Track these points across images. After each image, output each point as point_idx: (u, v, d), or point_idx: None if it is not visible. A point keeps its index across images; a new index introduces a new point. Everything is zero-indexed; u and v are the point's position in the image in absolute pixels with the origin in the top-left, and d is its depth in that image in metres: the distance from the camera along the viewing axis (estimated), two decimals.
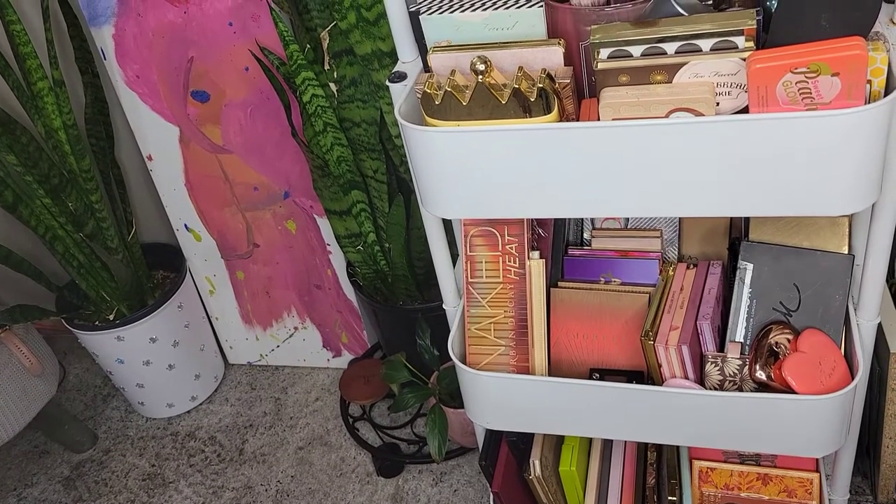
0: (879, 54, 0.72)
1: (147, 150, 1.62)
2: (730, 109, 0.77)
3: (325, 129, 1.35)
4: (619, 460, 1.22)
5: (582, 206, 0.84)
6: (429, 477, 1.54)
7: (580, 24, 0.82)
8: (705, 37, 0.75)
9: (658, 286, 1.02)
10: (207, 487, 1.63)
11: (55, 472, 1.74)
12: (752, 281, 0.97)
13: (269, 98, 1.47)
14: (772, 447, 0.98)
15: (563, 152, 0.79)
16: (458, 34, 0.86)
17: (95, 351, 1.69)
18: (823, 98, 0.71)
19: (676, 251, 1.08)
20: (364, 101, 1.34)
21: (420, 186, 0.90)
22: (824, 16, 0.70)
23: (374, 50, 1.23)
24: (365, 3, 1.19)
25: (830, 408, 0.90)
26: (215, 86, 1.48)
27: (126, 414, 1.85)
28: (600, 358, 1.04)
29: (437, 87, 0.81)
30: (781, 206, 0.78)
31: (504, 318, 1.04)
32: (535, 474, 1.15)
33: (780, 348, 0.94)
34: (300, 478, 1.60)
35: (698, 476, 1.16)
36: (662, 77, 0.77)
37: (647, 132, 0.76)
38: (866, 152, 0.73)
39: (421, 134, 0.83)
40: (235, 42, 1.42)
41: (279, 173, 1.58)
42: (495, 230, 1.02)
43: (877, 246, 0.84)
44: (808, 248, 0.95)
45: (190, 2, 1.40)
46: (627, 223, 1.10)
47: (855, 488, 1.34)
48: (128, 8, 1.43)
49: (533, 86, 0.78)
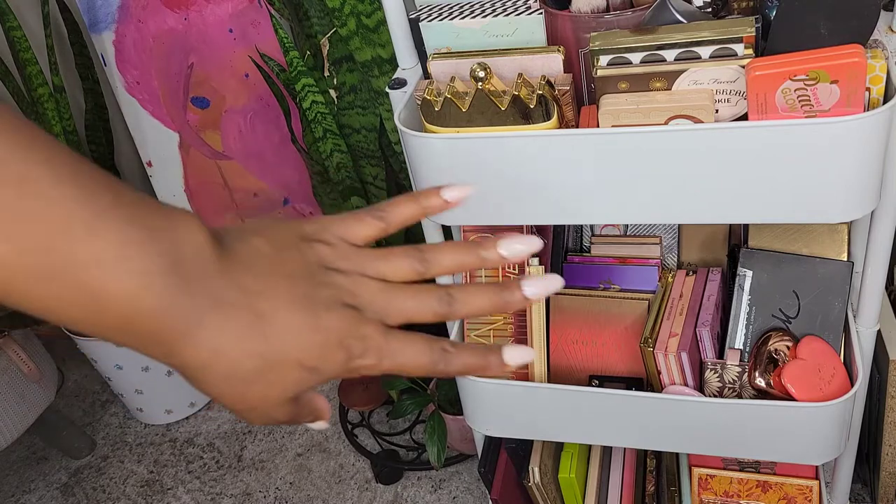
0: (878, 62, 0.72)
1: (147, 157, 1.62)
2: (729, 117, 0.77)
3: (325, 135, 1.36)
4: (619, 467, 1.22)
5: (581, 213, 0.84)
6: (428, 484, 1.54)
7: (580, 32, 0.82)
8: (705, 44, 0.75)
9: (657, 293, 1.02)
10: (206, 494, 1.63)
11: (53, 479, 1.73)
12: (751, 288, 0.97)
13: (269, 104, 1.47)
14: (771, 454, 0.98)
15: (562, 159, 0.80)
16: (458, 41, 0.86)
17: (94, 357, 1.69)
18: (822, 105, 0.71)
19: (676, 258, 1.08)
20: (364, 108, 1.34)
21: None
22: (823, 24, 0.70)
23: (374, 57, 1.23)
24: (365, 9, 1.19)
25: (830, 415, 0.90)
26: (215, 92, 1.49)
27: (124, 420, 1.85)
28: (600, 365, 1.04)
29: (436, 94, 0.81)
30: (780, 213, 0.78)
31: (503, 324, 1.04)
32: (534, 481, 1.15)
33: (780, 355, 0.94)
34: (299, 484, 1.60)
35: (698, 483, 1.15)
36: (662, 84, 0.77)
37: (646, 139, 0.76)
38: (865, 160, 0.73)
39: (420, 140, 0.83)
40: (235, 48, 1.42)
41: (279, 180, 1.58)
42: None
43: (876, 253, 0.84)
44: (808, 255, 0.96)
45: (190, 8, 1.40)
46: (627, 230, 1.10)
47: (854, 496, 1.34)
48: (128, 14, 1.44)
49: (532, 93, 0.78)
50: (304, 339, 0.37)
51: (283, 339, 0.37)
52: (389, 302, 0.40)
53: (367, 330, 0.39)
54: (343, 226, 0.41)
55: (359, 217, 0.42)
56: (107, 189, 0.34)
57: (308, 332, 0.37)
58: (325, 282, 0.39)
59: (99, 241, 0.33)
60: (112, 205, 0.34)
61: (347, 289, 0.39)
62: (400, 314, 0.40)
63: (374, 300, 0.40)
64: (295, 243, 0.40)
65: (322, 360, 0.38)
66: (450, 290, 0.41)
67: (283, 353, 0.37)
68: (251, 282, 0.37)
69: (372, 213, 0.42)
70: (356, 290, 0.39)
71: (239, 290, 0.37)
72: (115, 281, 0.33)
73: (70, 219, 0.32)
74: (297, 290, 0.38)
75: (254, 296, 0.37)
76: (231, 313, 0.36)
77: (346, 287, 0.39)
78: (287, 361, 0.37)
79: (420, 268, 0.41)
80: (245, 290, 0.37)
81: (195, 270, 0.36)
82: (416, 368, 0.40)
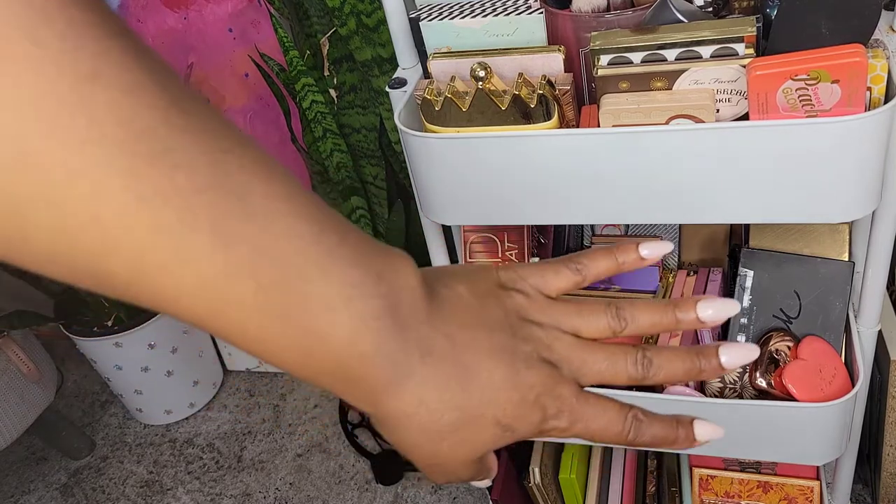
0: (879, 62, 0.72)
1: None
2: (730, 116, 0.77)
3: (325, 135, 1.35)
4: (619, 468, 1.22)
5: (582, 213, 0.84)
6: (428, 484, 1.54)
7: (580, 31, 0.82)
8: (705, 44, 0.75)
9: (658, 293, 1.02)
10: (206, 495, 1.62)
11: (53, 479, 1.73)
12: (752, 288, 0.96)
13: (269, 104, 1.47)
14: (772, 455, 0.98)
15: (563, 159, 0.79)
16: (458, 40, 0.86)
17: (94, 357, 1.69)
18: (823, 105, 0.71)
19: (677, 258, 1.08)
20: (364, 108, 1.34)
21: (420, 193, 0.89)
22: (824, 23, 0.70)
23: (374, 56, 1.23)
24: (365, 9, 1.19)
25: (831, 415, 0.90)
26: (215, 92, 1.48)
27: (124, 420, 1.84)
28: None
29: (436, 94, 0.81)
30: (782, 213, 0.78)
31: None
32: (534, 482, 1.15)
33: (781, 356, 0.94)
34: (299, 485, 1.60)
35: (699, 484, 1.15)
36: (662, 84, 0.77)
37: (647, 139, 0.76)
38: (866, 159, 0.72)
39: (420, 140, 0.82)
40: (235, 48, 1.42)
41: None
42: (495, 237, 1.02)
43: (877, 253, 0.84)
44: (809, 255, 0.95)
45: (190, 8, 1.40)
46: (627, 230, 1.10)
47: (855, 496, 1.34)
48: (127, 13, 1.44)
49: (533, 92, 0.78)
50: (504, 395, 0.36)
51: (484, 394, 0.36)
52: (584, 361, 0.39)
53: (563, 390, 0.38)
54: (539, 276, 0.40)
55: (556, 268, 0.41)
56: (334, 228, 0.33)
57: (508, 389, 0.36)
58: (524, 335, 0.38)
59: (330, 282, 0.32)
60: (339, 243, 0.32)
61: (545, 343, 0.38)
62: (594, 376, 0.39)
63: (571, 357, 0.38)
64: (494, 292, 0.38)
65: (517, 419, 0.37)
66: (647, 354, 0.40)
67: (483, 409, 0.36)
68: (457, 332, 0.36)
69: (569, 266, 0.41)
70: (553, 345, 0.38)
71: (447, 340, 0.36)
72: (339, 325, 0.32)
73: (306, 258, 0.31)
74: (498, 343, 0.37)
75: (460, 347, 0.36)
76: (439, 365, 0.35)
77: (544, 341, 0.38)
78: (485, 417, 0.37)
79: (616, 326, 0.40)
80: (452, 340, 0.36)
81: (409, 317, 0.35)
82: (605, 437, 0.39)
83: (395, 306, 0.34)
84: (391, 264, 0.35)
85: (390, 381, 0.34)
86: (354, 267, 0.33)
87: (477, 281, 0.39)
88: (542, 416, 0.37)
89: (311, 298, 0.31)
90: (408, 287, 0.35)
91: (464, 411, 0.36)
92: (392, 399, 0.35)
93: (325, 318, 0.32)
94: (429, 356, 0.35)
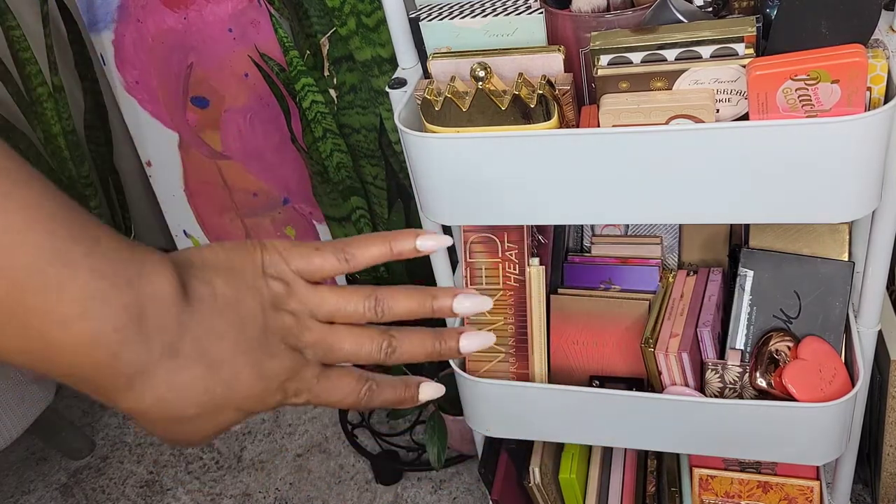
0: (879, 62, 0.72)
1: (146, 156, 1.62)
2: (730, 116, 0.77)
3: (325, 135, 1.35)
4: (619, 468, 1.22)
5: (582, 213, 0.84)
6: (428, 485, 1.54)
7: (580, 31, 0.82)
8: (705, 44, 0.75)
9: (658, 293, 1.02)
10: (205, 495, 1.62)
11: (52, 479, 1.73)
12: (752, 288, 0.96)
13: (269, 104, 1.47)
14: (772, 455, 0.98)
15: (563, 159, 0.79)
16: (458, 40, 0.86)
17: None
18: (823, 105, 0.71)
19: (676, 258, 1.08)
20: (364, 108, 1.34)
21: (419, 193, 0.89)
22: (824, 23, 0.70)
23: (374, 56, 1.23)
24: (365, 9, 1.19)
25: (831, 415, 0.90)
26: (215, 92, 1.48)
27: (124, 420, 1.84)
28: (600, 365, 1.04)
29: (436, 94, 0.81)
30: (782, 213, 0.78)
31: (504, 324, 1.04)
32: (534, 482, 1.15)
33: (781, 356, 0.94)
34: (298, 485, 1.60)
35: (699, 484, 1.15)
36: (662, 84, 0.77)
37: (647, 139, 0.76)
38: (866, 159, 0.72)
39: (420, 140, 0.82)
40: (235, 48, 1.42)
41: (278, 179, 1.58)
42: (495, 237, 1.02)
43: (877, 253, 0.84)
44: (809, 255, 0.95)
45: (190, 8, 1.40)
46: (627, 230, 1.10)
47: (855, 496, 1.34)
48: (127, 14, 1.44)
49: (533, 92, 0.78)
50: (248, 388, 0.40)
51: (228, 389, 0.39)
52: (331, 346, 0.42)
53: (306, 373, 0.41)
54: (304, 262, 0.42)
55: (322, 255, 0.43)
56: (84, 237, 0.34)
57: (253, 382, 0.40)
58: (276, 326, 0.41)
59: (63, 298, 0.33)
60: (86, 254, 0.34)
61: (294, 332, 0.41)
62: (337, 357, 0.43)
63: (317, 343, 0.42)
64: (253, 281, 0.41)
65: (258, 403, 0.41)
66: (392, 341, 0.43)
67: (226, 401, 0.39)
68: (206, 334, 0.38)
69: (337, 255, 0.43)
70: (301, 333, 0.41)
71: (194, 343, 0.38)
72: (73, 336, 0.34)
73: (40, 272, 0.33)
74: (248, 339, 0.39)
75: (207, 348, 0.38)
76: (184, 367, 0.37)
77: (293, 331, 0.41)
78: (227, 407, 0.40)
79: (372, 314, 0.43)
80: (199, 342, 0.38)
81: (154, 323, 0.36)
82: (342, 405, 0.43)
83: (141, 315, 0.36)
84: (143, 271, 0.36)
85: (127, 385, 0.36)
86: (99, 278, 0.34)
87: (238, 271, 0.41)
88: (282, 397, 0.41)
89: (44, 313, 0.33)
90: (157, 293, 0.36)
91: (207, 406, 0.39)
92: (129, 399, 0.37)
93: (57, 333, 0.34)
94: (174, 359, 0.37)
